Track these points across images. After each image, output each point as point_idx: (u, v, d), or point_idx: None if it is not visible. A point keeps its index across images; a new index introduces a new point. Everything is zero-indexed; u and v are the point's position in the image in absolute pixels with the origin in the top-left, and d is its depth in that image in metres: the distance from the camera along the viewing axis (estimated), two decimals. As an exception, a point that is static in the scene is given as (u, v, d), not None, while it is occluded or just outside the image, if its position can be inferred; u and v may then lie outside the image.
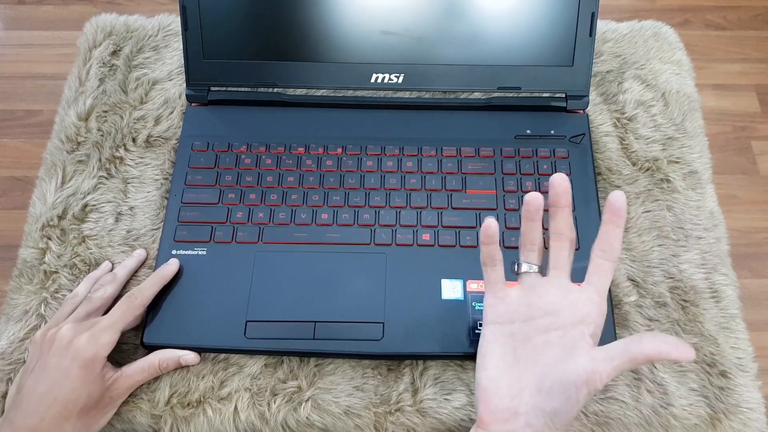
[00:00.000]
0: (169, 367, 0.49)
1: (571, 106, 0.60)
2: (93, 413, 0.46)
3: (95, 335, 0.46)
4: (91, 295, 0.50)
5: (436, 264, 0.53)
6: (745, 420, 0.48)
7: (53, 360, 0.45)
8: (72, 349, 0.45)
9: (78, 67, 0.65)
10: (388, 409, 0.49)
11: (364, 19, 0.58)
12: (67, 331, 0.46)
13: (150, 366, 0.48)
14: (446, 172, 0.57)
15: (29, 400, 0.44)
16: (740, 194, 1.27)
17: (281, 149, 0.58)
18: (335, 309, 0.51)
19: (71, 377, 0.44)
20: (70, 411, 0.44)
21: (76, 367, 0.44)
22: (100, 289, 0.51)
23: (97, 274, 0.53)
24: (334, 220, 0.55)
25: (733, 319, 0.52)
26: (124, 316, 0.48)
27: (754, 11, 1.49)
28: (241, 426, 0.49)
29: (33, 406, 0.43)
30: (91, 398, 0.45)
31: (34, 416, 0.43)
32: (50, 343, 0.46)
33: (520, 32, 0.58)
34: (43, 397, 0.43)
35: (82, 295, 0.51)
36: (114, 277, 0.52)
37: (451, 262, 0.53)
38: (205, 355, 0.51)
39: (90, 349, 0.45)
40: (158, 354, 0.49)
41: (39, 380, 0.44)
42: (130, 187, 0.59)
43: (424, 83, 0.61)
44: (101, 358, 0.45)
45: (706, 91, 1.37)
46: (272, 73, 0.60)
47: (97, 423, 0.46)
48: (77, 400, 0.44)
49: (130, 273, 0.54)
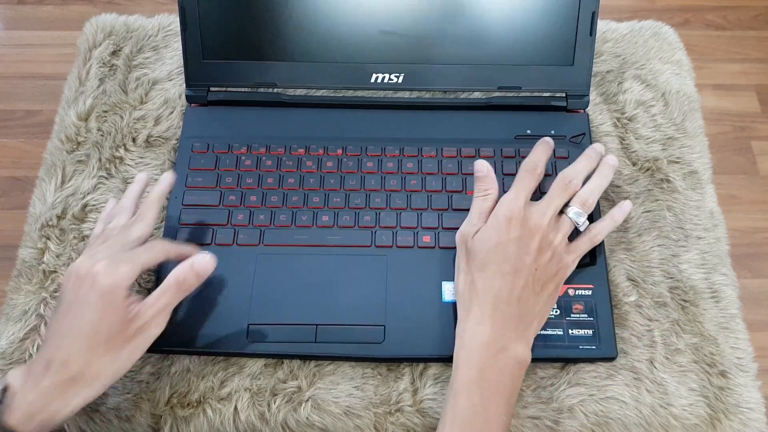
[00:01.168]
0: (187, 280, 0.45)
1: (572, 105, 0.60)
2: (119, 345, 0.43)
3: (114, 265, 0.44)
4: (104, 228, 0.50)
5: (436, 266, 0.53)
6: (745, 420, 0.48)
7: (72, 294, 0.43)
8: (89, 277, 0.43)
9: (78, 67, 0.65)
10: (388, 409, 0.49)
11: (364, 19, 0.58)
12: (83, 261, 0.44)
13: (168, 287, 0.45)
14: (446, 173, 0.57)
15: (55, 334, 0.43)
16: (740, 194, 1.27)
17: (281, 150, 0.58)
18: (336, 311, 0.51)
19: (90, 306, 0.43)
20: (95, 342, 0.42)
21: (94, 296, 0.43)
22: (112, 220, 0.50)
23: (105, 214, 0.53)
24: (334, 222, 0.55)
25: (733, 319, 0.53)
26: (146, 253, 0.46)
27: (754, 11, 1.49)
28: (241, 426, 0.49)
29: (59, 339, 0.43)
30: (114, 329, 0.43)
31: (60, 350, 0.42)
32: (69, 277, 0.44)
33: (520, 31, 0.58)
34: (69, 331, 0.43)
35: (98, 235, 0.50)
36: (122, 207, 0.51)
37: (451, 264, 0.53)
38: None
39: (108, 278, 0.43)
40: (173, 272, 0.45)
41: (63, 314, 0.43)
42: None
43: (424, 83, 0.61)
44: (121, 288, 0.43)
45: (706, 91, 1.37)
46: (272, 73, 0.60)
47: (127, 356, 0.44)
48: (99, 332, 0.42)
49: (136, 199, 0.52)
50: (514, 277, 0.47)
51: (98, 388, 0.43)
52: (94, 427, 0.49)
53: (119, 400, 0.49)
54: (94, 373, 0.42)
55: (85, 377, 0.42)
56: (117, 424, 0.49)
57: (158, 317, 0.45)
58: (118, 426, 0.49)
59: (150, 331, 0.45)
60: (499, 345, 0.45)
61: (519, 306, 0.46)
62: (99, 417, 0.49)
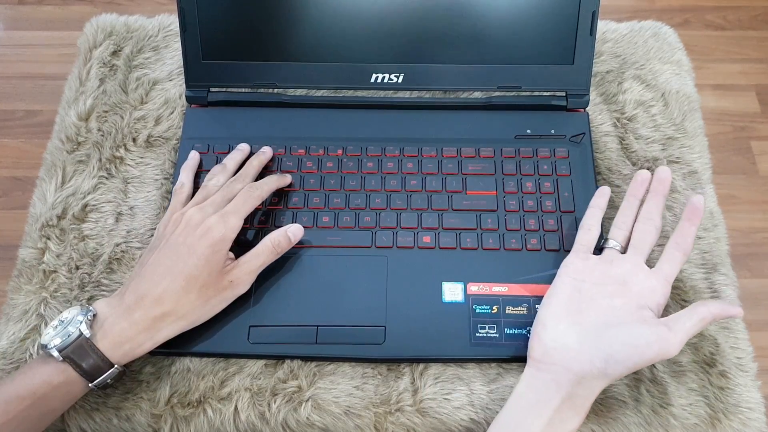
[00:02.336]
0: (281, 244, 0.50)
1: (572, 104, 0.60)
2: (211, 293, 0.47)
3: (224, 217, 0.49)
4: (206, 183, 0.53)
5: (436, 266, 0.53)
6: (745, 420, 0.48)
7: (180, 238, 0.48)
8: (202, 227, 0.48)
9: (78, 67, 0.66)
10: (388, 409, 0.49)
11: (364, 19, 0.58)
12: (195, 212, 0.49)
13: (264, 248, 0.50)
14: (446, 173, 0.57)
15: (153, 272, 0.46)
16: (740, 194, 1.27)
17: (281, 151, 0.59)
18: (337, 312, 0.51)
19: (197, 254, 0.47)
20: (191, 286, 0.46)
21: (204, 245, 0.47)
22: (213, 178, 0.54)
23: (191, 164, 0.56)
24: (335, 222, 0.55)
25: (733, 319, 0.53)
26: (246, 203, 0.51)
27: (754, 11, 1.49)
28: (241, 426, 0.49)
29: (158, 277, 0.46)
30: (211, 277, 0.47)
31: (157, 287, 0.46)
32: (176, 224, 0.49)
33: (520, 31, 0.58)
34: (169, 270, 0.46)
35: (188, 184, 0.54)
36: (223, 168, 0.55)
37: (451, 264, 0.53)
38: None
39: (219, 229, 0.48)
40: (269, 236, 0.50)
41: (165, 255, 0.47)
42: (130, 187, 0.59)
43: (424, 83, 0.61)
44: (229, 239, 0.48)
45: (705, 91, 1.37)
46: (272, 73, 0.60)
47: (213, 305, 0.48)
48: (198, 277, 0.46)
49: (237, 164, 0.56)
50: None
51: (181, 327, 0.47)
52: (94, 426, 0.49)
53: (119, 400, 0.49)
54: (182, 313, 0.46)
55: (174, 315, 0.46)
56: (117, 423, 0.49)
57: (249, 275, 0.49)
58: (118, 426, 0.49)
59: (238, 288, 0.49)
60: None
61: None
62: (99, 416, 0.49)
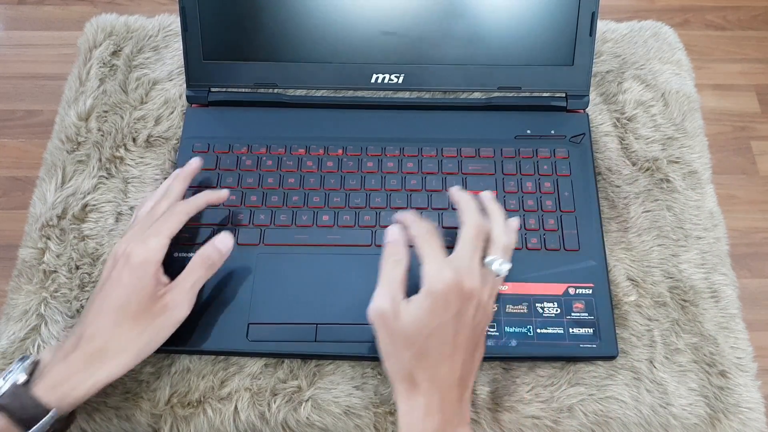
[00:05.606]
0: (211, 257, 0.48)
1: (572, 105, 0.60)
2: (146, 321, 0.45)
3: (144, 241, 0.47)
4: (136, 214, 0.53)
5: None
6: (745, 420, 0.48)
7: (106, 273, 0.47)
8: (123, 256, 0.46)
9: (78, 67, 0.66)
10: (388, 409, 0.49)
11: (364, 19, 0.58)
12: (119, 244, 0.48)
13: (194, 265, 0.48)
14: (447, 172, 0.57)
15: (88, 312, 0.46)
16: (740, 194, 1.27)
17: (282, 150, 0.59)
18: (337, 311, 0.51)
19: (122, 283, 0.45)
20: (121, 318, 0.45)
21: (126, 274, 0.45)
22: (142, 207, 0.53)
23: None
24: (335, 221, 0.55)
25: (733, 319, 0.53)
26: (167, 222, 0.48)
27: (754, 11, 1.49)
28: (241, 426, 0.49)
29: (91, 316, 0.45)
30: (141, 305, 0.45)
31: (91, 325, 0.44)
32: (107, 261, 0.48)
33: (520, 32, 0.58)
34: (100, 307, 0.45)
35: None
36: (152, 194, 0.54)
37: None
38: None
39: (140, 253, 0.46)
40: (198, 252, 0.48)
41: (97, 293, 0.46)
42: (131, 187, 0.59)
43: (424, 83, 0.61)
44: (152, 261, 0.46)
45: (705, 91, 1.37)
46: (272, 73, 0.60)
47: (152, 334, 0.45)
48: (127, 307, 0.45)
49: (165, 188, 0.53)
50: (455, 356, 0.43)
51: (123, 364, 0.44)
52: (95, 426, 0.49)
53: (119, 400, 0.49)
54: (119, 348, 0.44)
55: (110, 351, 0.44)
56: (117, 423, 0.49)
57: (184, 295, 0.47)
58: (118, 426, 0.49)
59: (175, 311, 0.46)
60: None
61: (461, 382, 0.43)
62: (99, 416, 0.49)
